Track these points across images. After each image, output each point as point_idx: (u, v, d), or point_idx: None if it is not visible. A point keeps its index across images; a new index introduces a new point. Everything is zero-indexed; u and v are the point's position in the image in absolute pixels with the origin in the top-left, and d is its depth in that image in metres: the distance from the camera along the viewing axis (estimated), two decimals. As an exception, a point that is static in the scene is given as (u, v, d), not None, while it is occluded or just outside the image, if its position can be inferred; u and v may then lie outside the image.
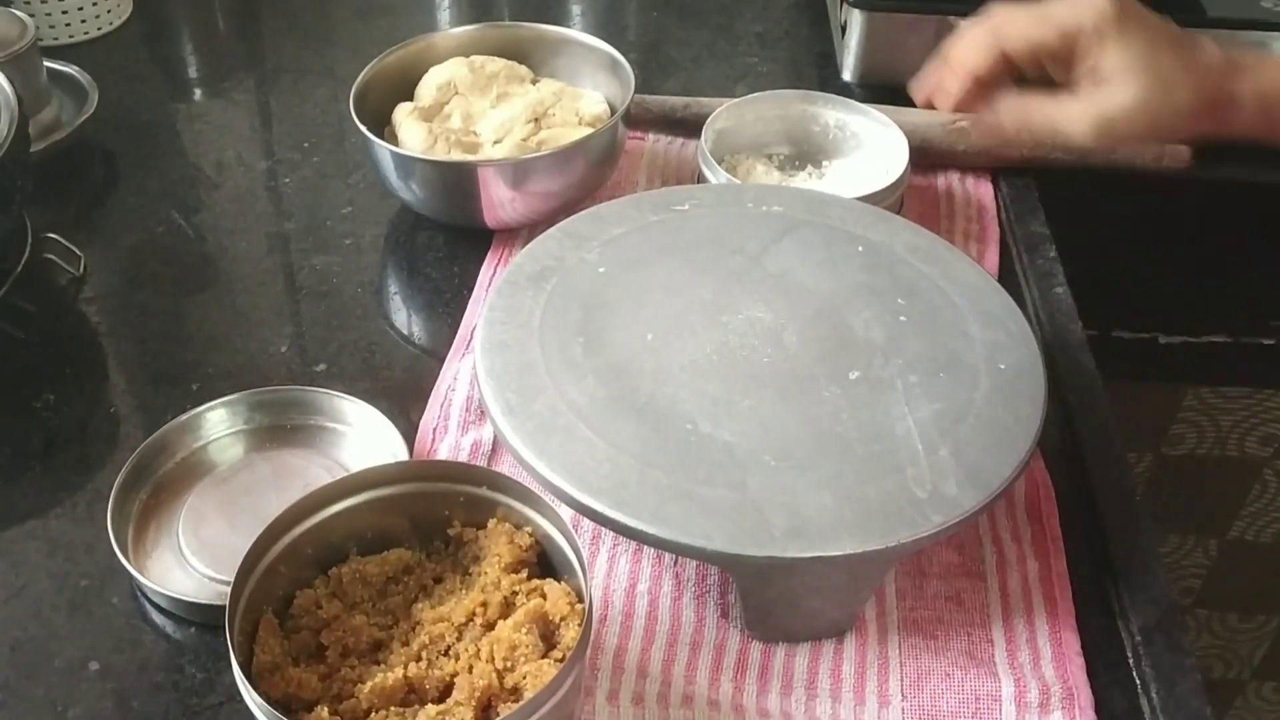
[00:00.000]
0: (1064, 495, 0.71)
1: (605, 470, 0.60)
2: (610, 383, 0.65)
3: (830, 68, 1.12)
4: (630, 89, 0.90)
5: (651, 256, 0.74)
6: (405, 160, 0.86)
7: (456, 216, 0.89)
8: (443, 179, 0.86)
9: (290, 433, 0.75)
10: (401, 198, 0.90)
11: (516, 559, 0.59)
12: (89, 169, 1.01)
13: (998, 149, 0.94)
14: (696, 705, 0.61)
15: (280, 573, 0.58)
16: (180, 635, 0.65)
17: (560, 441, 0.62)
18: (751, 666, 0.63)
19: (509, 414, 0.63)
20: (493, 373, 0.66)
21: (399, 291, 0.89)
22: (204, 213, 0.96)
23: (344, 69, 1.12)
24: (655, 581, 0.67)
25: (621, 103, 0.90)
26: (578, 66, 0.97)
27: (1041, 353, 0.68)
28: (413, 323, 0.87)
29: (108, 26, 1.16)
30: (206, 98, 1.12)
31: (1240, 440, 1.22)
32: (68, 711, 0.61)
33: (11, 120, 0.79)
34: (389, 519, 0.61)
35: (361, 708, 0.54)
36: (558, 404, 0.64)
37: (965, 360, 0.67)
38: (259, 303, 0.87)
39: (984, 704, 0.61)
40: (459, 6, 1.24)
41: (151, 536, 0.69)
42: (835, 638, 0.64)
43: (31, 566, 0.68)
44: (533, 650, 0.55)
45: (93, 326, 0.86)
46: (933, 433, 0.62)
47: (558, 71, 0.97)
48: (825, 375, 0.66)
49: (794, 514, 0.58)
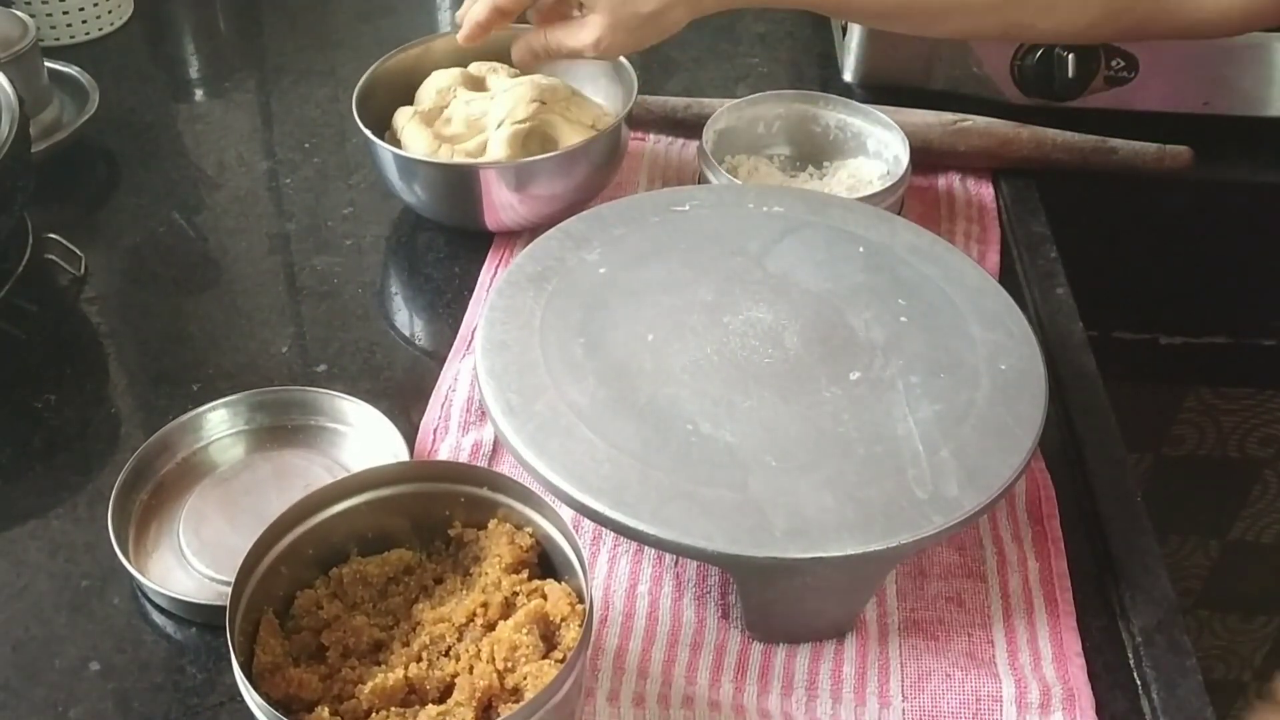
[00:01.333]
0: (1065, 496, 0.71)
1: (606, 471, 0.60)
2: (611, 383, 0.65)
3: (831, 68, 1.12)
4: (633, 91, 0.90)
5: (652, 257, 0.74)
6: (408, 163, 0.86)
7: (459, 219, 0.89)
8: (445, 181, 0.86)
9: (291, 433, 0.75)
10: (404, 200, 0.90)
11: (517, 559, 0.59)
12: (90, 169, 1.01)
13: (998, 149, 0.94)
14: (697, 705, 0.61)
15: (281, 573, 0.58)
16: (181, 635, 0.65)
17: (561, 442, 0.62)
18: (752, 667, 0.63)
19: (510, 414, 0.63)
20: (493, 373, 0.66)
21: (400, 292, 0.89)
22: (205, 213, 0.96)
23: (345, 70, 1.12)
24: (656, 582, 0.67)
25: (624, 105, 0.90)
26: (579, 68, 0.97)
27: (1042, 353, 0.68)
28: (413, 323, 0.87)
29: (109, 27, 1.16)
30: (207, 98, 1.12)
31: (1241, 441, 1.22)
32: (68, 711, 0.61)
33: (13, 121, 0.79)
34: (390, 519, 0.61)
35: (362, 708, 0.54)
36: (558, 404, 0.64)
37: (966, 361, 0.67)
38: (260, 303, 0.87)
39: (984, 705, 0.61)
40: (459, 7, 1.24)
41: (152, 537, 0.69)
42: (836, 638, 0.64)
43: (32, 566, 0.68)
44: (533, 651, 0.55)
45: (94, 327, 0.86)
46: (934, 433, 0.62)
47: (559, 73, 0.97)
48: (826, 376, 0.66)
49: (795, 515, 0.58)
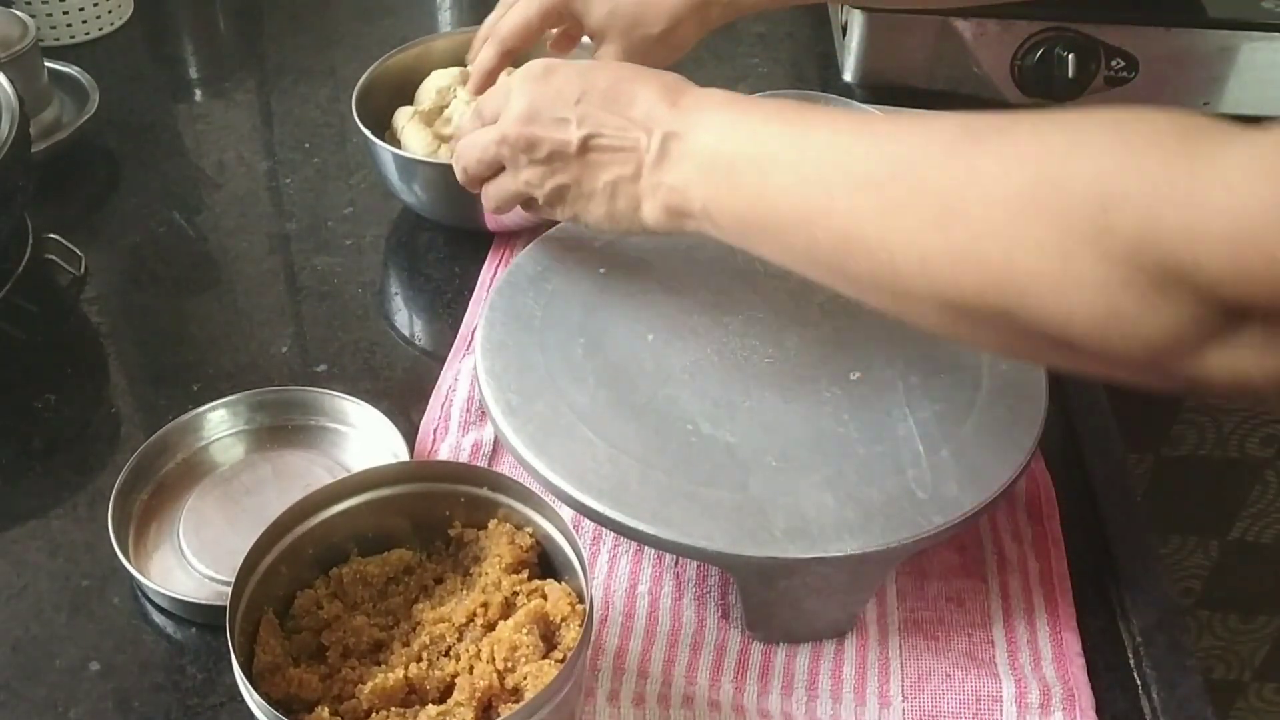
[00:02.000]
0: (1065, 496, 0.71)
1: (606, 471, 0.60)
2: (611, 383, 0.65)
3: (831, 68, 1.12)
4: None
5: (652, 257, 0.74)
6: (408, 163, 0.86)
7: (459, 219, 0.89)
8: (445, 182, 0.86)
9: (291, 433, 0.75)
10: (404, 200, 0.90)
11: (517, 559, 0.59)
12: (90, 169, 1.01)
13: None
14: (697, 706, 0.61)
15: (281, 573, 0.58)
16: (181, 635, 0.65)
17: (561, 442, 0.62)
18: (752, 667, 0.63)
19: (510, 415, 0.63)
20: (493, 373, 0.66)
21: (400, 292, 0.89)
22: (205, 213, 0.96)
23: (345, 69, 1.12)
24: (656, 582, 0.67)
25: None
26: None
27: None
28: (413, 323, 0.87)
29: (109, 27, 1.16)
30: (208, 98, 1.12)
31: (1241, 441, 1.22)
32: (68, 712, 0.61)
33: (13, 121, 0.79)
34: (390, 519, 0.61)
35: (362, 708, 0.54)
36: (559, 405, 0.64)
37: (966, 361, 0.67)
38: (260, 303, 0.87)
39: (985, 705, 0.61)
40: (460, 7, 1.24)
41: (152, 537, 0.69)
42: (836, 638, 0.64)
43: (32, 567, 0.68)
44: (533, 651, 0.55)
45: (94, 327, 0.86)
46: (934, 433, 0.62)
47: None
48: (826, 376, 0.66)
49: (795, 515, 0.58)
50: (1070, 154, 0.44)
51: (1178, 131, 0.42)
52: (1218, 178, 0.39)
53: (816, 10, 1.20)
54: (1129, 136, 0.43)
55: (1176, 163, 0.41)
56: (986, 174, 0.46)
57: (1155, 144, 0.42)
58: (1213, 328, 0.42)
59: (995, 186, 0.46)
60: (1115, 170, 0.42)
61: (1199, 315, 0.41)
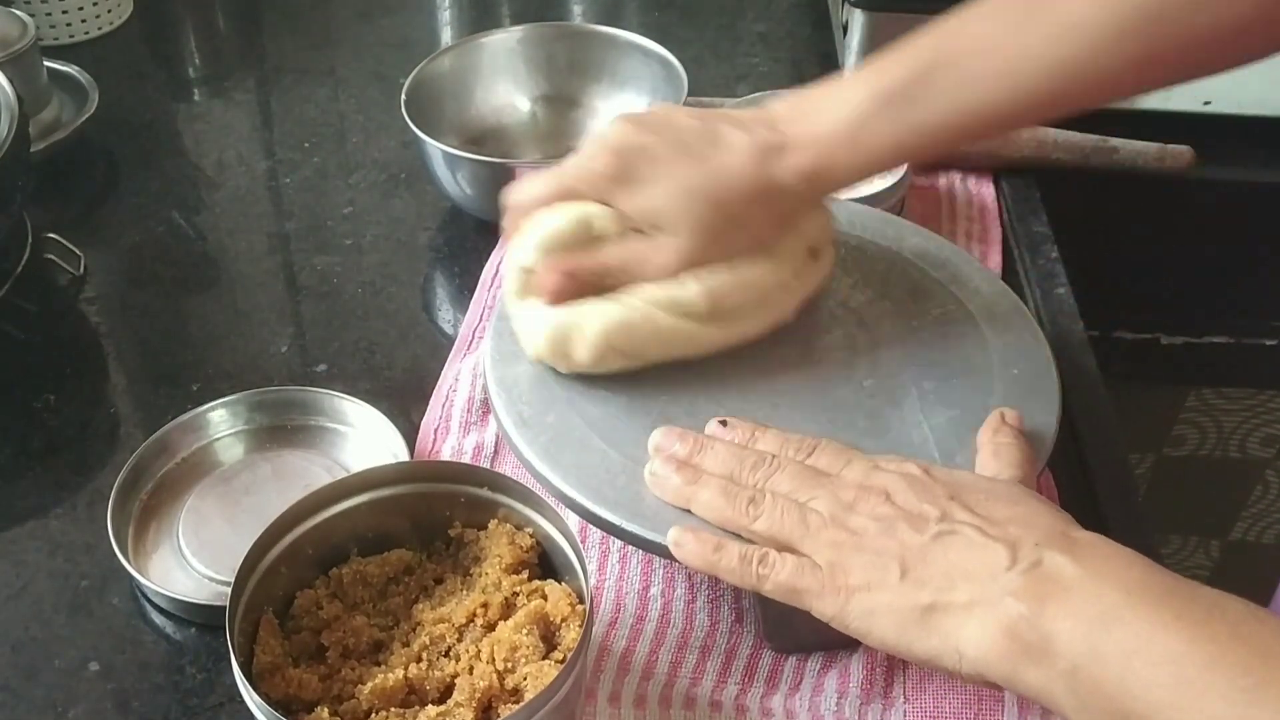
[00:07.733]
0: (1066, 496, 0.71)
1: (621, 483, 0.59)
2: (623, 393, 0.65)
3: (832, 68, 1.12)
4: (683, 91, 0.91)
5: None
6: (453, 159, 0.87)
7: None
8: (493, 178, 0.86)
9: (291, 433, 0.75)
10: (451, 197, 0.91)
11: (517, 560, 0.59)
12: (89, 169, 1.01)
13: (998, 149, 0.94)
14: (699, 706, 0.61)
15: (281, 573, 0.58)
16: (180, 635, 0.65)
17: (574, 454, 0.61)
18: (760, 670, 0.63)
19: (522, 427, 0.63)
20: (504, 385, 0.65)
21: (400, 292, 0.89)
22: (204, 213, 0.96)
23: (345, 69, 1.12)
24: (669, 584, 0.66)
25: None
26: (629, 67, 0.97)
27: (1051, 356, 0.68)
28: (414, 323, 0.86)
29: (108, 26, 1.16)
30: (207, 97, 1.12)
31: (1242, 441, 1.22)
32: (68, 712, 0.61)
33: (12, 120, 0.79)
34: (390, 520, 0.61)
35: (362, 708, 0.54)
36: (570, 416, 0.63)
37: (978, 366, 0.66)
38: (260, 303, 0.87)
39: (986, 705, 0.61)
40: (460, 7, 1.24)
41: (152, 537, 0.69)
42: (849, 648, 0.64)
43: (32, 567, 0.68)
44: (533, 651, 0.55)
45: (93, 326, 0.85)
46: (949, 439, 0.62)
47: (607, 71, 0.98)
48: (839, 382, 0.65)
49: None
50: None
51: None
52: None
53: (817, 9, 1.20)
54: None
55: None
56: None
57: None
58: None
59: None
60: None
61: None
